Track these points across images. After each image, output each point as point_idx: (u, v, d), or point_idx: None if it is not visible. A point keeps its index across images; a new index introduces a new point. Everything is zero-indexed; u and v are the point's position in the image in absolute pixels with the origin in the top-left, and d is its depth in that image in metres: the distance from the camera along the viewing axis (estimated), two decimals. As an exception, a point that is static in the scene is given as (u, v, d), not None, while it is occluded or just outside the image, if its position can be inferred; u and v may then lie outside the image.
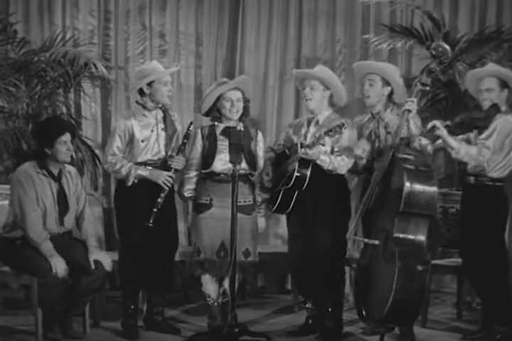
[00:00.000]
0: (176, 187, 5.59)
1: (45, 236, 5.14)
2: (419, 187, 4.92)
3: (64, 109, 6.66)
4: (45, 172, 5.22)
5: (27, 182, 5.15)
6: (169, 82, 5.47)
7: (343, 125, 5.08)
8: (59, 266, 5.07)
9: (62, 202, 5.26)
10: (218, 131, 5.49)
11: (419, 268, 4.84)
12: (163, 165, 5.42)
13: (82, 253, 5.26)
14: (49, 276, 5.05)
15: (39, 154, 5.23)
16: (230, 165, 5.23)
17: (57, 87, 6.62)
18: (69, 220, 5.31)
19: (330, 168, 5.29)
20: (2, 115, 6.51)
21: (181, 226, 6.32)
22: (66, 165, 5.36)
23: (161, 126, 5.48)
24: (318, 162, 5.25)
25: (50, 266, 5.05)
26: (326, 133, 5.11)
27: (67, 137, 5.20)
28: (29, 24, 6.88)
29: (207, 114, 5.56)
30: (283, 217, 5.81)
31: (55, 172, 5.27)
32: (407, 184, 4.90)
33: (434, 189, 4.96)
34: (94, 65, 6.51)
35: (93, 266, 5.20)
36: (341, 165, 5.32)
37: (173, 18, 7.10)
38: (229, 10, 7.15)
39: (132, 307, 5.49)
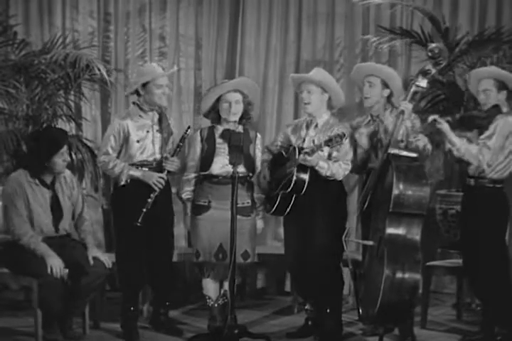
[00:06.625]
0: (174, 190, 5.60)
1: (35, 240, 5.17)
2: (409, 186, 4.91)
3: (64, 110, 6.66)
4: (37, 181, 5.27)
5: (16, 190, 5.21)
6: (164, 85, 5.42)
7: (344, 135, 5.05)
8: (56, 265, 5.09)
9: (56, 208, 5.32)
10: (217, 133, 5.49)
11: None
12: (159, 166, 5.42)
13: (80, 253, 5.29)
14: (47, 276, 5.07)
15: (34, 166, 5.26)
16: (227, 168, 5.27)
17: (58, 89, 6.63)
18: (63, 226, 5.34)
19: (328, 174, 5.28)
20: (2, 116, 6.51)
21: (181, 229, 6.33)
22: None
23: (157, 127, 5.48)
24: (316, 168, 5.25)
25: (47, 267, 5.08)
26: (326, 143, 5.09)
27: (63, 149, 5.26)
28: (29, 26, 6.89)
29: (206, 115, 5.57)
30: (282, 218, 5.80)
31: (48, 180, 5.32)
32: (396, 184, 4.89)
33: (425, 188, 4.94)
34: (98, 68, 6.50)
35: (92, 262, 5.23)
36: (339, 171, 5.31)
37: (173, 20, 7.09)
38: (229, 12, 7.14)
39: (132, 309, 5.49)
